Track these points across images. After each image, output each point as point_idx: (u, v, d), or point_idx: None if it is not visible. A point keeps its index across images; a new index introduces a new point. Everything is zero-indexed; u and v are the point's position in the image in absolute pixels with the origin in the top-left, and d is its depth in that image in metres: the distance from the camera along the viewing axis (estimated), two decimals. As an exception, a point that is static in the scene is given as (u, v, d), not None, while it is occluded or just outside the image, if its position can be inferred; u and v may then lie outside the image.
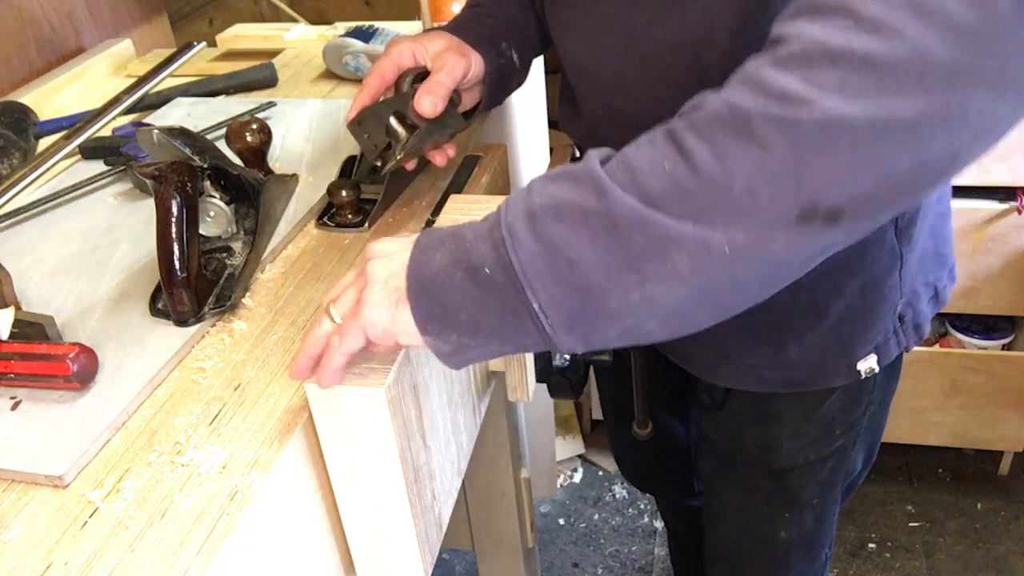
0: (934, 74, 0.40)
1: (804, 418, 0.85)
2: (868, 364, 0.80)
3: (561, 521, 1.88)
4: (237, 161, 0.84)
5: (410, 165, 0.84)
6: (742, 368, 0.82)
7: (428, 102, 0.74)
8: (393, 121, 0.77)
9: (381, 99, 0.79)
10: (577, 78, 0.79)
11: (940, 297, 0.83)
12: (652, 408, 1.07)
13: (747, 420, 0.88)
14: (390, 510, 0.60)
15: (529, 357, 0.77)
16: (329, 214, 0.85)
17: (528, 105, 1.34)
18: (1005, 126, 0.42)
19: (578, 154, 0.94)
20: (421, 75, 0.77)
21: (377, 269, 0.53)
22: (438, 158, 0.82)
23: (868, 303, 0.77)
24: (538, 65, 1.39)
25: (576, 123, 0.84)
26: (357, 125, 0.79)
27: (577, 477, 1.98)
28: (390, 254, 0.54)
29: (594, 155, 0.49)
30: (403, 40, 0.79)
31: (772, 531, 0.95)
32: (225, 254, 0.76)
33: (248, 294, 0.74)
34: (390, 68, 0.78)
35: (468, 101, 0.82)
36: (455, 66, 0.76)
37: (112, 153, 0.96)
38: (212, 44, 1.37)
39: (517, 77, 0.88)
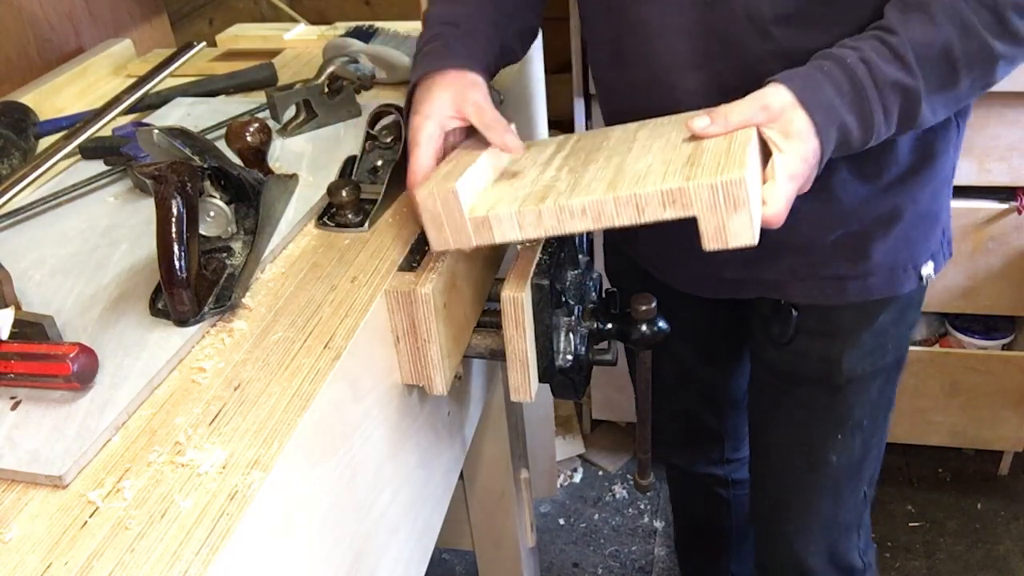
0: None
1: (864, 328, 0.94)
2: (928, 270, 0.92)
3: (561, 521, 1.88)
4: (237, 161, 0.84)
5: None
6: (823, 280, 0.90)
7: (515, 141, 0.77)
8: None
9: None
10: None
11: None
12: (691, 364, 1.13)
13: (812, 335, 0.95)
14: None
15: (532, 358, 0.77)
16: (329, 214, 0.85)
17: (528, 105, 1.34)
18: None
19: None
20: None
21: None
22: None
23: (932, 209, 0.90)
24: (538, 65, 1.39)
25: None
26: None
27: (577, 477, 1.98)
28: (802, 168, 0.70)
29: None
30: (427, 122, 0.78)
31: (823, 453, 1.02)
32: (225, 254, 0.76)
33: (248, 294, 0.74)
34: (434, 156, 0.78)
35: None
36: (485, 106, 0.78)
37: (112, 153, 0.96)
38: (212, 44, 1.37)
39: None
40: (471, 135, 0.80)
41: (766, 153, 0.70)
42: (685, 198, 0.63)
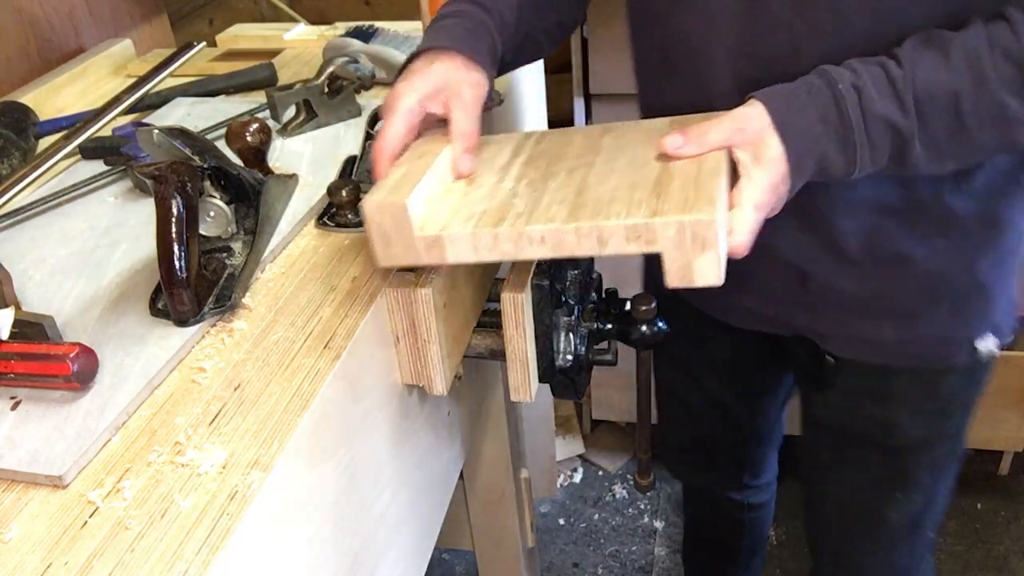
0: None
1: (925, 396, 0.87)
2: (987, 344, 0.83)
3: (561, 521, 1.88)
4: (237, 161, 0.84)
5: None
6: (863, 339, 0.85)
7: (468, 164, 0.71)
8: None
9: None
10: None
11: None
12: (718, 393, 1.11)
13: (863, 397, 0.89)
14: None
15: (532, 358, 0.77)
16: (329, 214, 0.85)
17: (528, 105, 1.34)
18: None
19: None
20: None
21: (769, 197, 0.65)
22: None
23: (991, 280, 0.81)
24: (538, 65, 1.39)
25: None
26: None
27: (577, 477, 1.98)
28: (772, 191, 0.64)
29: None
30: (411, 94, 0.71)
31: (881, 511, 0.96)
32: (225, 254, 0.76)
33: (248, 294, 0.74)
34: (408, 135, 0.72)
35: None
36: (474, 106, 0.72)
37: (112, 153, 0.96)
38: (212, 44, 1.37)
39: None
40: (440, 125, 0.75)
41: (734, 174, 0.66)
42: (651, 234, 0.59)
